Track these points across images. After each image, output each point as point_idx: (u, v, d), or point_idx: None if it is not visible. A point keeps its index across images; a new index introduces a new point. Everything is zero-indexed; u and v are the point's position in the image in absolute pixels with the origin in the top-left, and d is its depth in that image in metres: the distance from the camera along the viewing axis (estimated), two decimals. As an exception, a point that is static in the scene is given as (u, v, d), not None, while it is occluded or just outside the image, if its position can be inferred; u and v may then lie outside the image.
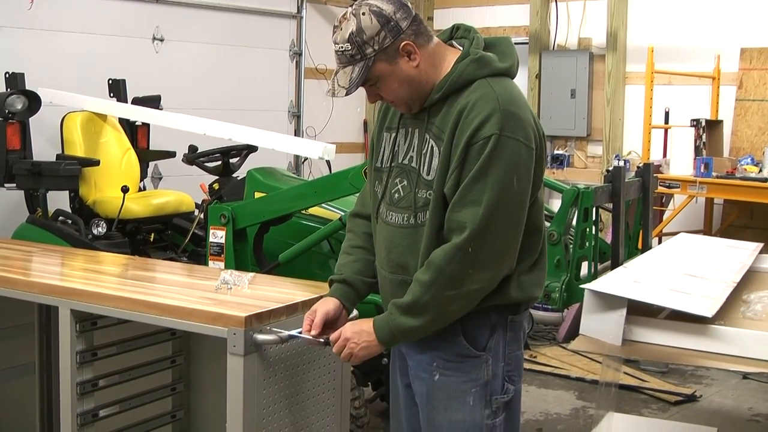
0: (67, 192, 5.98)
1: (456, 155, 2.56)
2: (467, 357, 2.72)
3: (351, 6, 2.61)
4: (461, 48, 2.72)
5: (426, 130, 2.68)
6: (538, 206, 2.72)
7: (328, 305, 2.84)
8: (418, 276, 2.61)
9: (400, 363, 2.94)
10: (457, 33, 2.79)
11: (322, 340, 2.77)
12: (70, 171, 5.66)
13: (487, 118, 2.53)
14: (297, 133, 9.17)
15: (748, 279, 4.09)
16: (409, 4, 2.62)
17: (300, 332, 2.82)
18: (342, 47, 2.60)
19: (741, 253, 4.56)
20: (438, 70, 2.66)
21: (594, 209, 4.56)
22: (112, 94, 6.67)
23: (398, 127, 2.78)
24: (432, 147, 2.65)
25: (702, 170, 7.00)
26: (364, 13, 2.56)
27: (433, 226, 2.63)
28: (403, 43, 2.59)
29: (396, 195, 2.74)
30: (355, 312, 2.96)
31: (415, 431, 2.94)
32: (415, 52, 2.61)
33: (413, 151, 2.71)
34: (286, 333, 2.86)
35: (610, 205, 4.80)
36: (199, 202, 5.77)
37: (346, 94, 2.66)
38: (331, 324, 2.82)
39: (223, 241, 4.75)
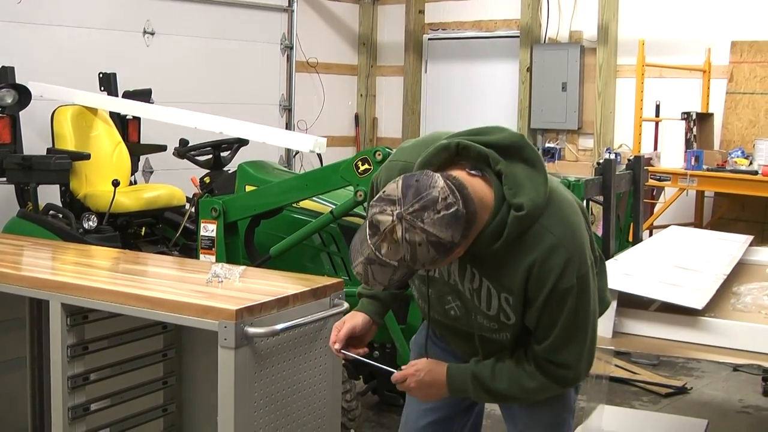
0: (57, 186, 5.97)
1: (536, 304, 2.44)
2: None
3: (399, 219, 2.21)
4: (478, 174, 2.39)
5: (470, 264, 2.49)
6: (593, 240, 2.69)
7: (356, 320, 2.76)
8: (519, 377, 2.56)
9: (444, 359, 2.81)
10: (463, 152, 2.42)
11: (390, 369, 2.67)
12: (61, 165, 5.64)
13: (564, 269, 2.40)
14: (288, 126, 9.17)
15: (739, 271, 4.10)
16: (462, 209, 2.24)
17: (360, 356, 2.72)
18: (388, 261, 2.24)
19: (731, 245, 4.57)
20: (482, 224, 2.35)
21: (585, 202, 4.57)
22: (102, 88, 6.66)
23: None
24: (489, 288, 2.49)
25: (693, 163, 7.01)
26: (420, 245, 2.20)
27: (513, 340, 2.59)
28: (454, 254, 2.31)
29: (452, 312, 2.63)
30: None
31: (449, 417, 2.91)
32: (463, 247, 2.32)
33: (455, 276, 2.54)
34: (351, 355, 2.71)
35: (601, 198, 4.81)
36: (190, 196, 5.76)
37: (384, 289, 2.58)
38: (358, 338, 2.75)
39: (214, 234, 4.75)
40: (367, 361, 2.73)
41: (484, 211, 2.35)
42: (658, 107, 7.76)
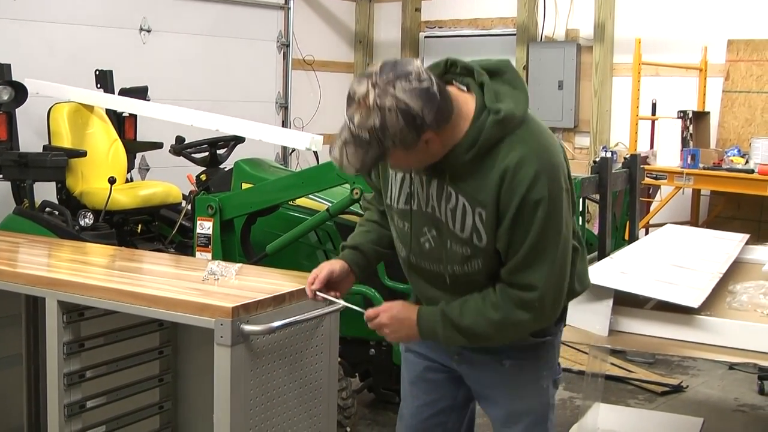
0: (53, 183, 5.96)
1: (506, 218, 2.50)
2: (538, 343, 2.77)
3: (373, 85, 2.37)
4: (464, 88, 2.55)
5: (449, 184, 2.56)
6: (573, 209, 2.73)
7: (334, 265, 2.83)
8: (483, 308, 2.60)
9: (429, 352, 2.92)
10: (452, 69, 2.60)
11: (359, 309, 2.77)
12: (57, 162, 5.64)
13: (534, 180, 2.46)
14: (284, 124, 9.16)
15: (734, 270, 4.11)
16: (434, 90, 2.38)
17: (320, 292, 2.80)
18: (358, 132, 2.39)
19: (727, 244, 4.58)
20: (458, 130, 2.49)
21: (581, 200, 4.58)
22: (99, 85, 6.64)
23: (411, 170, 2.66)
24: (464, 205, 2.55)
25: (689, 161, 7.02)
26: (390, 110, 2.33)
27: (483, 272, 2.62)
28: (425, 137, 2.41)
29: (426, 245, 2.68)
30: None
31: (438, 414, 2.94)
32: (434, 139, 2.44)
33: (434, 201, 2.61)
34: (326, 297, 2.80)
35: (597, 196, 4.82)
36: (187, 193, 5.76)
37: (356, 174, 2.63)
38: (335, 284, 2.82)
39: (210, 232, 4.74)
40: (341, 302, 2.82)
41: (463, 119, 2.49)
42: (654, 106, 7.76)
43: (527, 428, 2.81)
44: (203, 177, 5.50)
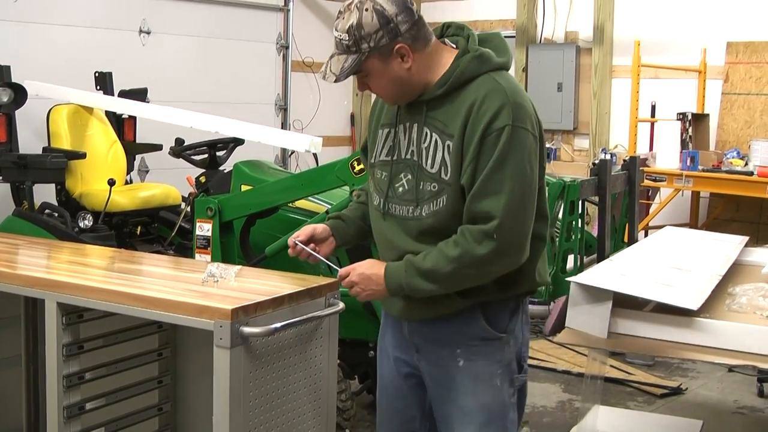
0: (53, 185, 5.97)
1: (471, 148, 2.62)
2: (490, 339, 2.80)
3: None
4: (454, 46, 2.78)
5: (425, 124, 2.73)
6: (543, 193, 2.81)
7: (316, 227, 2.98)
8: (444, 248, 2.66)
9: (398, 352, 2.98)
10: (448, 31, 2.84)
11: (333, 267, 2.91)
12: (57, 164, 5.64)
13: (499, 110, 2.60)
14: (284, 126, 9.17)
15: (734, 272, 4.10)
16: (413, 8, 2.65)
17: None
18: (340, 36, 2.64)
19: (726, 246, 4.58)
20: (433, 70, 2.71)
21: (580, 202, 4.58)
22: (98, 87, 6.65)
23: (396, 123, 2.82)
24: (436, 141, 2.70)
25: (688, 164, 7.03)
26: (367, 9, 2.60)
27: (449, 214, 2.69)
28: (398, 46, 2.63)
29: (401, 189, 2.79)
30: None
31: (410, 421, 2.99)
32: (408, 55, 2.66)
33: (414, 146, 2.75)
34: (306, 249, 2.95)
35: (597, 198, 4.82)
36: (186, 195, 5.76)
37: (336, 81, 2.74)
38: (318, 242, 2.97)
39: (209, 233, 4.75)
40: (318, 256, 2.96)
41: (443, 65, 2.71)
42: (653, 108, 7.77)
43: (481, 427, 2.83)
44: (202, 179, 5.50)
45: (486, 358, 2.81)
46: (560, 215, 4.54)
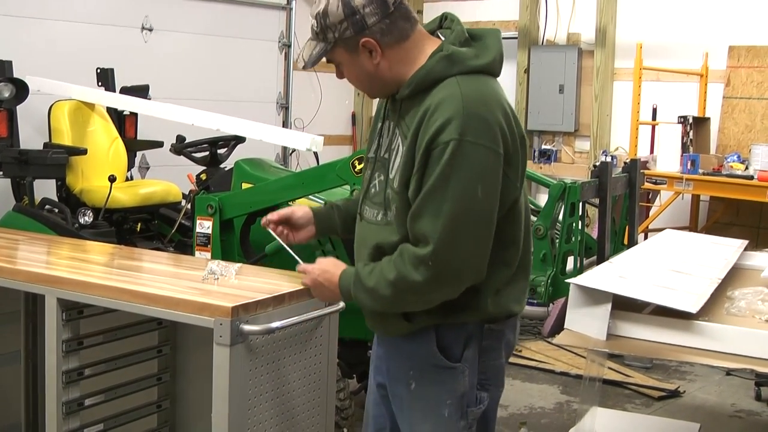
0: (54, 180, 5.97)
1: (418, 158, 2.43)
2: (443, 368, 2.62)
3: None
4: (443, 38, 2.59)
5: (398, 124, 2.58)
6: (513, 216, 2.57)
7: (298, 211, 2.97)
8: (384, 268, 2.51)
9: (376, 360, 2.88)
10: (444, 23, 2.65)
11: (295, 257, 2.96)
12: (57, 159, 5.64)
13: (447, 121, 2.38)
14: (285, 124, 9.17)
15: (733, 276, 4.11)
16: (391, 3, 2.47)
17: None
18: (312, 22, 2.56)
19: (726, 249, 4.58)
20: (412, 65, 2.52)
21: (580, 204, 4.58)
22: (100, 83, 6.66)
23: (384, 118, 2.70)
24: (399, 145, 2.55)
25: (689, 167, 7.03)
26: None
27: (399, 227, 2.55)
28: (363, 40, 2.48)
29: (373, 190, 2.67)
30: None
31: (382, 431, 2.91)
32: (376, 50, 2.50)
33: (387, 145, 2.64)
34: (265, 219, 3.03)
35: (597, 201, 4.82)
36: (187, 193, 5.76)
37: (303, 68, 2.67)
38: (294, 226, 2.98)
39: (209, 231, 4.75)
40: (280, 240, 3.01)
41: (422, 60, 2.51)
42: (654, 111, 7.77)
43: None
44: (203, 176, 5.51)
45: (437, 386, 2.63)
46: (560, 217, 4.54)
